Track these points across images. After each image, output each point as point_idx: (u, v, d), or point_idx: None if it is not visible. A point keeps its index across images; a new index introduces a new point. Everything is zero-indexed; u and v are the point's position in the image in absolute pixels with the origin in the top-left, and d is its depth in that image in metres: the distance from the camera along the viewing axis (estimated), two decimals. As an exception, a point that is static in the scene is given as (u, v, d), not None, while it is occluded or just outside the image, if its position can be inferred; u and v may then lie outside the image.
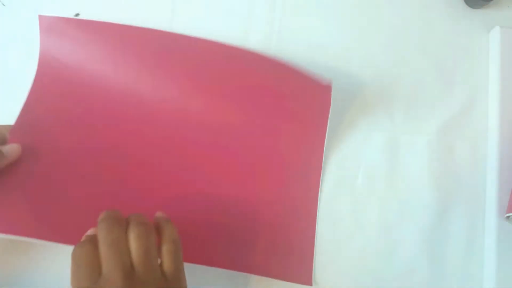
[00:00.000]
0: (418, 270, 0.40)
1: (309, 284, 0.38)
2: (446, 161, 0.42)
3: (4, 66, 0.41)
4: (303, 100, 0.41)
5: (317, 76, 0.40)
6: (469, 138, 0.43)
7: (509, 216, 0.39)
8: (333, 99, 0.40)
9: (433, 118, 0.43)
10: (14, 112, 0.39)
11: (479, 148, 0.43)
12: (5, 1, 0.42)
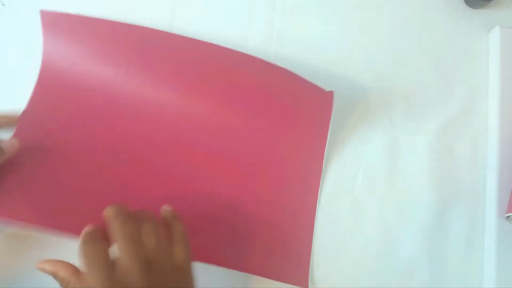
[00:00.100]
0: (418, 270, 0.40)
1: (305, 286, 0.38)
2: (446, 161, 0.42)
3: (4, 66, 0.41)
4: (305, 103, 0.41)
5: (318, 85, 0.40)
6: (469, 138, 0.43)
7: (509, 216, 0.39)
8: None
9: (433, 118, 0.43)
10: (14, 111, 0.39)
11: (479, 148, 0.43)
12: (5, 1, 0.42)
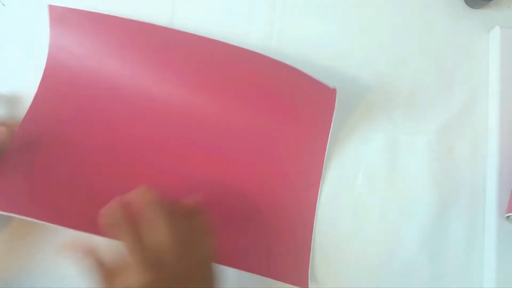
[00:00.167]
0: (418, 270, 0.40)
1: (305, 286, 0.38)
2: (446, 161, 0.42)
3: (4, 66, 0.41)
4: (308, 100, 0.41)
5: (322, 82, 0.40)
6: (469, 138, 0.43)
7: (509, 216, 0.39)
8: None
9: (433, 118, 0.43)
10: (14, 112, 0.39)
11: (479, 148, 0.43)
12: (5, 1, 0.42)
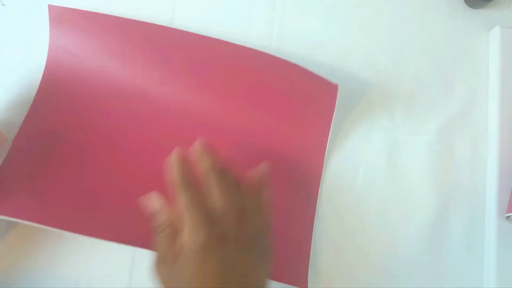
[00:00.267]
0: (418, 269, 0.40)
1: (305, 286, 0.37)
2: (446, 161, 0.42)
3: (4, 66, 0.41)
4: (309, 96, 0.41)
5: (323, 78, 0.40)
6: (469, 138, 0.43)
7: (509, 216, 0.39)
8: (333, 99, 0.40)
9: (433, 118, 0.43)
10: (14, 112, 0.39)
11: (479, 148, 0.43)
12: (5, 1, 0.42)
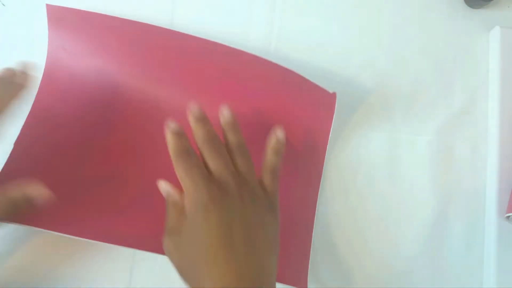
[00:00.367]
0: (418, 270, 0.40)
1: (304, 287, 0.37)
2: (446, 161, 0.42)
3: (4, 66, 0.41)
4: (308, 104, 0.41)
5: (321, 87, 0.40)
6: (469, 138, 0.43)
7: (509, 216, 0.39)
8: (333, 99, 0.40)
9: (433, 118, 0.43)
10: (14, 112, 0.39)
11: (479, 148, 0.43)
12: (5, 1, 0.42)
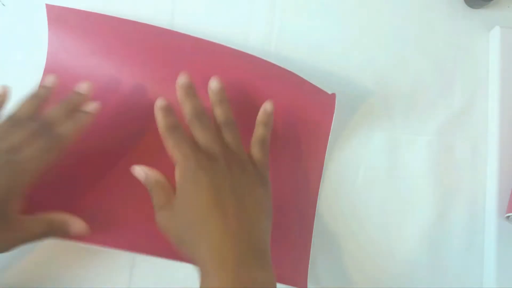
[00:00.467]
0: (418, 270, 0.40)
1: (304, 287, 0.37)
2: (446, 161, 0.42)
3: (4, 66, 0.41)
4: (307, 105, 0.41)
5: (321, 88, 0.40)
6: (469, 138, 0.43)
7: (509, 216, 0.39)
8: (333, 99, 0.40)
9: (433, 118, 0.43)
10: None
11: (479, 148, 0.43)
12: (5, 1, 0.42)
